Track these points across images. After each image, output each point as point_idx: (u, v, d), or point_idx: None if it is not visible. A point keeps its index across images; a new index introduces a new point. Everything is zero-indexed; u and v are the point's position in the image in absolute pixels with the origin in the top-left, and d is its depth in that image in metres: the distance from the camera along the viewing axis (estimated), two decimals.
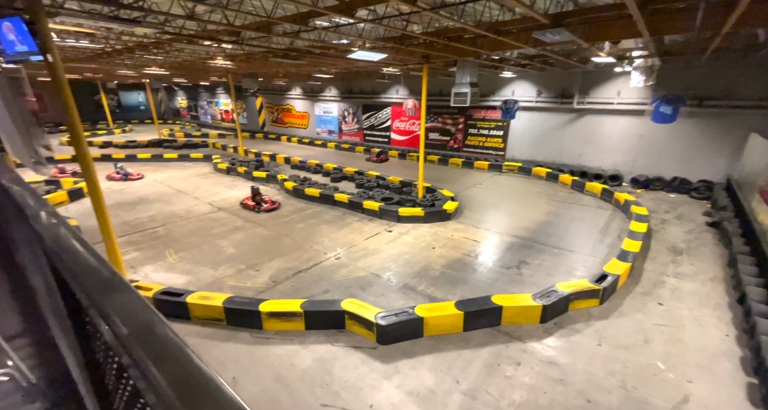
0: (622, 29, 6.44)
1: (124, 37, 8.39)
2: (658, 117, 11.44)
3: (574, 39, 5.63)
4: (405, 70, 15.72)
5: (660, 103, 11.24)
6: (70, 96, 4.32)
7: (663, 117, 11.28)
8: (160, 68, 17.50)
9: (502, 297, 6.40)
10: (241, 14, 5.18)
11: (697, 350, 5.70)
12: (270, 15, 5.28)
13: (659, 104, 11.27)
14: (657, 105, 11.31)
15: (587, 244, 9.66)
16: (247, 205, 12.61)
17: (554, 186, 15.75)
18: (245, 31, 6.13)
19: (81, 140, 4.59)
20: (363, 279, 8.01)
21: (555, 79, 16.39)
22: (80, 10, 4.79)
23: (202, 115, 43.25)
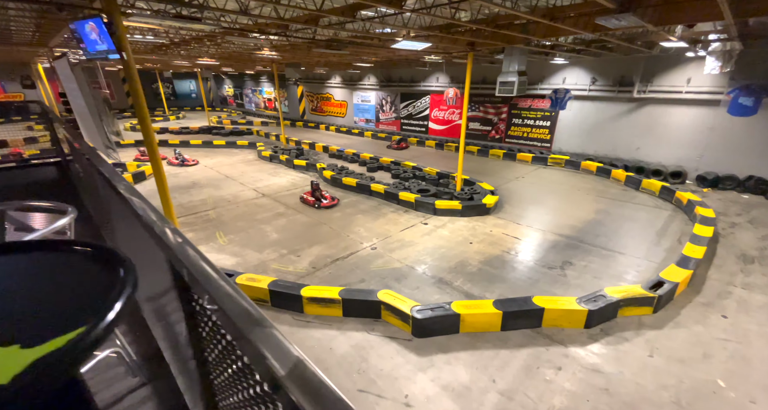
0: (699, 11, 5.72)
1: (182, 31, 8.90)
2: (735, 109, 10.14)
3: (642, 23, 5.09)
4: (448, 58, 15.22)
5: (739, 94, 9.92)
6: (140, 88, 4.67)
7: (742, 109, 9.96)
8: (212, 58, 18.38)
9: (543, 299, 6.17)
10: (290, 8, 5.26)
11: (765, 369, 5.16)
12: (319, 8, 5.31)
13: (738, 94, 9.95)
14: (735, 95, 10.00)
15: (641, 247, 8.97)
16: (306, 201, 12.31)
17: (605, 182, 14.70)
18: (293, 23, 6.22)
19: (149, 128, 4.98)
20: (398, 270, 8.07)
21: (613, 65, 15.05)
22: (148, 9, 5.13)
23: (246, 102, 45.07)
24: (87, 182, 3.03)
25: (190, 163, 17.97)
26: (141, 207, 1.13)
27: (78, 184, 3.96)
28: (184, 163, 17.82)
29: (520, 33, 8.46)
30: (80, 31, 4.24)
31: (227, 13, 5.49)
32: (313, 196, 12.22)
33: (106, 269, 0.56)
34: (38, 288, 0.55)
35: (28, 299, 0.52)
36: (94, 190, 2.89)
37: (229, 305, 0.65)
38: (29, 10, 7.70)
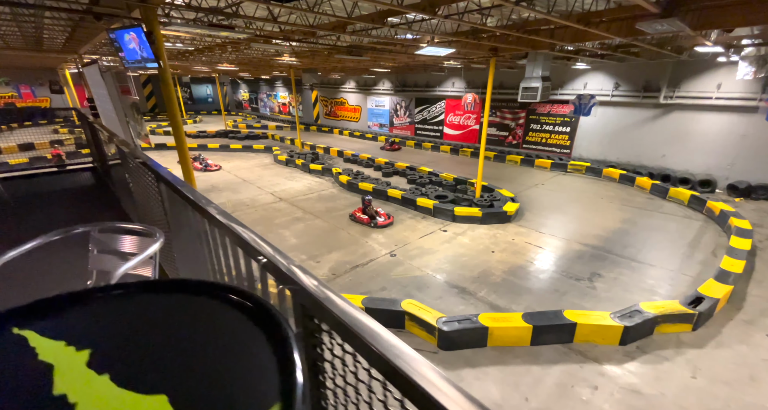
0: (744, 15, 5.46)
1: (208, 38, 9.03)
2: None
3: (685, 28, 4.87)
4: (466, 63, 15.09)
5: None
6: (173, 95, 4.70)
7: None
8: (231, 64, 18.68)
9: (575, 313, 5.92)
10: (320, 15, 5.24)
11: None
12: (350, 16, 5.28)
13: None
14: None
15: (673, 259, 8.60)
16: (359, 219, 10.92)
17: (629, 190, 14.26)
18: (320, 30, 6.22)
19: (181, 132, 5.00)
20: (419, 279, 7.91)
21: (638, 70, 14.67)
22: (179, 17, 5.19)
23: (261, 107, 45.76)
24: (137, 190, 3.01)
25: (212, 168, 17.83)
26: (254, 241, 1.08)
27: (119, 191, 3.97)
28: (207, 169, 17.73)
29: (547, 38, 8.29)
30: (120, 40, 4.29)
31: (256, 20, 5.51)
32: (365, 213, 10.92)
33: (260, 326, 0.47)
34: (183, 336, 0.50)
35: (173, 347, 0.47)
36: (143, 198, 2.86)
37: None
38: (65, 19, 7.90)
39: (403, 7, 4.40)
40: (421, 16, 6.45)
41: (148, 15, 4.35)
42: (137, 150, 3.04)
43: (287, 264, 0.88)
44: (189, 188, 1.80)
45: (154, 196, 2.64)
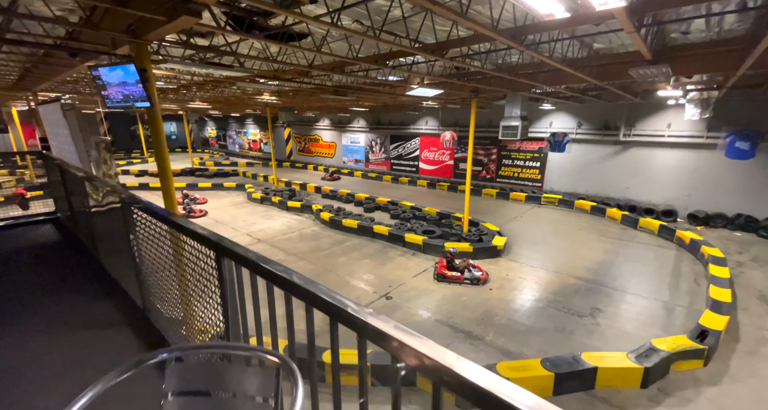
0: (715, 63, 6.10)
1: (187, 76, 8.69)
2: (733, 153, 10.81)
3: (669, 73, 5.33)
4: (443, 103, 15.79)
5: (735, 138, 10.65)
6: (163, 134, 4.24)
7: (739, 153, 10.63)
8: (203, 102, 18.25)
9: (593, 356, 5.67)
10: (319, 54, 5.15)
11: None
12: (356, 56, 5.25)
13: (734, 139, 10.67)
14: (732, 140, 10.72)
15: (662, 290, 8.80)
16: (450, 277, 9.08)
17: (602, 221, 14.97)
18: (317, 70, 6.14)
19: (168, 172, 4.46)
20: (421, 324, 7.40)
21: (596, 111, 16.09)
22: (169, 55, 4.86)
23: (230, 144, 44.93)
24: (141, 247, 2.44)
25: (197, 214, 15.74)
26: None
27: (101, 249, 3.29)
28: (191, 215, 15.45)
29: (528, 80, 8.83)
30: (105, 77, 3.85)
31: (254, 59, 5.31)
32: (450, 267, 9.19)
33: None
34: None
35: None
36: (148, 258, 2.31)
37: None
38: (25, 54, 7.26)
39: (415, 49, 4.43)
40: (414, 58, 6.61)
41: (140, 52, 4.00)
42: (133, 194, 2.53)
43: None
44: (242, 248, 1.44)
45: (162, 255, 2.13)
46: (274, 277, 1.29)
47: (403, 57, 6.18)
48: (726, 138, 10.89)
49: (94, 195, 3.07)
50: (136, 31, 3.73)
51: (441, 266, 9.41)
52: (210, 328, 1.81)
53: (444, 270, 9.27)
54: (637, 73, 5.18)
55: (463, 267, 9.22)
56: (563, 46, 5.98)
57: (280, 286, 1.28)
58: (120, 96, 3.91)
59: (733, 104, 12.44)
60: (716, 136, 13.11)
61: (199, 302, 1.82)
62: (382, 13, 4.33)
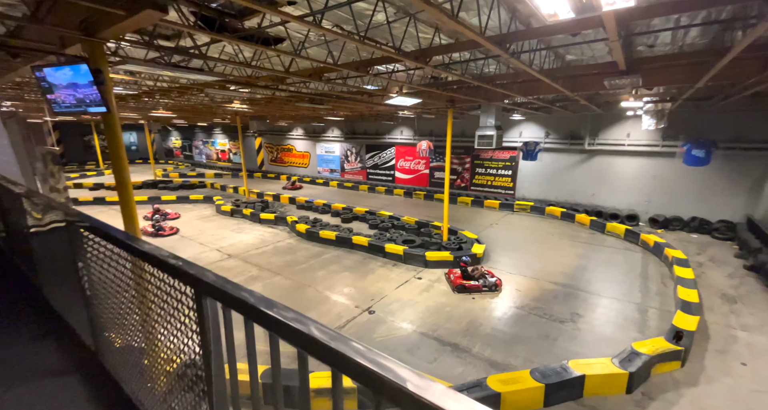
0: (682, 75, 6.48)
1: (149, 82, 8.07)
2: (690, 160, 11.60)
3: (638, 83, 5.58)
4: (419, 113, 15.93)
5: (692, 147, 11.43)
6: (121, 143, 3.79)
7: (696, 160, 11.43)
8: (168, 111, 17.29)
9: (580, 363, 5.66)
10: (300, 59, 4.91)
11: None
12: (336, 62, 5.05)
13: (691, 147, 11.46)
14: (688, 148, 11.51)
15: (633, 292, 9.12)
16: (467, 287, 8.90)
17: (572, 226, 15.52)
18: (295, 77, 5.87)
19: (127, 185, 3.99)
20: (406, 339, 7.15)
21: (563, 121, 16.87)
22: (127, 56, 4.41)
23: (196, 154, 43.07)
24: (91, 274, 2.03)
25: (167, 232, 14.15)
26: None
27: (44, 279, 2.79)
28: (160, 233, 13.92)
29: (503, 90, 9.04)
30: (51, 78, 3.35)
31: (223, 63, 4.96)
32: (468, 278, 9.11)
33: None
34: None
35: None
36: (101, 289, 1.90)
37: None
38: None
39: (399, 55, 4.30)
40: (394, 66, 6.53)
41: (95, 52, 3.56)
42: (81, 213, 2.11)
43: None
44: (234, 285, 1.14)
45: (119, 286, 1.76)
46: (279, 326, 0.98)
47: (383, 65, 6.09)
48: (683, 146, 11.74)
49: (35, 213, 2.61)
50: (89, 28, 3.32)
51: (457, 277, 9.25)
52: (182, 380, 1.46)
53: (461, 281, 9.13)
54: (611, 83, 5.40)
55: (479, 275, 9.20)
56: (540, 57, 6.14)
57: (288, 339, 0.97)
58: (71, 100, 3.43)
59: (685, 115, 13.45)
60: (671, 144, 14.10)
61: (169, 345, 1.46)
62: (364, 17, 4.20)
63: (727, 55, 4.15)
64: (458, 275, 9.32)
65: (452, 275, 9.49)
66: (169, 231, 14.40)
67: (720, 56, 4.50)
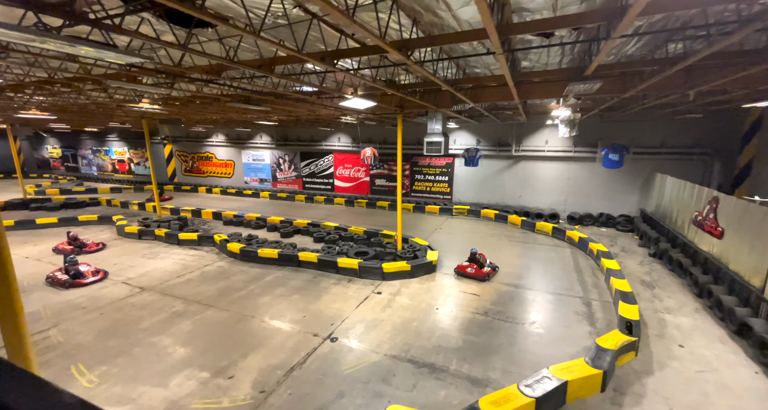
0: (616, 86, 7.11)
1: (25, 70, 5.86)
2: (607, 163, 13.23)
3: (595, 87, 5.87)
4: (361, 119, 15.41)
5: (608, 151, 13.06)
6: None
7: (612, 163, 13.08)
8: (43, 112, 13.68)
9: (558, 369, 5.65)
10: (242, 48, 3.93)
11: (750, 395, 5.65)
12: (300, 49, 4.14)
13: (608, 152, 13.08)
14: (606, 153, 13.13)
15: (574, 286, 9.85)
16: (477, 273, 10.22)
17: (506, 227, 16.58)
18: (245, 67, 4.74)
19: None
20: (379, 366, 6.43)
21: (491, 129, 18.07)
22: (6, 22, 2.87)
23: (83, 165, 35.96)
24: None
25: (89, 278, 9.88)
26: None
27: None
28: (76, 282, 9.63)
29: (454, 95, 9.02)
30: None
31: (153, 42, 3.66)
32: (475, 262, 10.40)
33: None
34: None
35: None
36: None
37: None
38: None
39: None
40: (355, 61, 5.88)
41: None
42: None
43: None
44: None
45: None
46: None
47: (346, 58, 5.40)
48: (602, 151, 13.44)
49: None
50: None
51: (468, 265, 10.44)
52: None
53: (468, 269, 10.33)
54: (573, 88, 5.61)
55: (483, 260, 10.52)
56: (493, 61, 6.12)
57: None
58: None
59: (590, 124, 15.48)
60: (582, 150, 16.10)
61: None
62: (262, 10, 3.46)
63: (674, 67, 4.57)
64: (467, 266, 10.51)
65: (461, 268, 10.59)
66: (93, 277, 9.95)
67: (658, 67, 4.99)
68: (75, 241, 12.57)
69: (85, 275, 9.95)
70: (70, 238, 12.54)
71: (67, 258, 9.91)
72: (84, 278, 9.90)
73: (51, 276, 9.95)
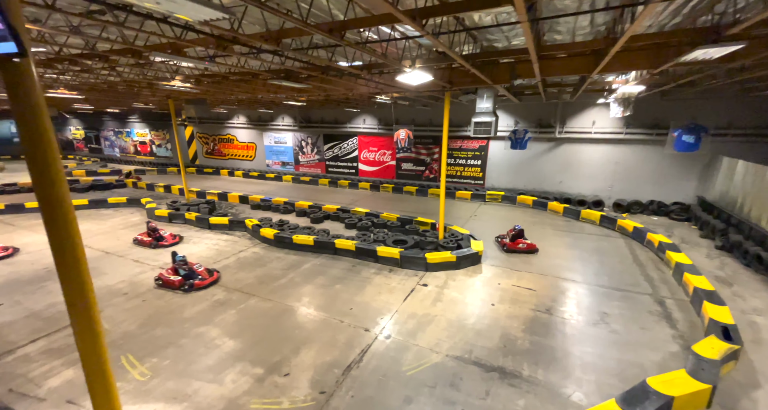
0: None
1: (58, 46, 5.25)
2: (680, 145, 12.02)
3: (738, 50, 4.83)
4: (394, 99, 14.47)
5: (682, 132, 11.84)
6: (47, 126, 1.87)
7: (686, 146, 11.87)
8: (71, 91, 13.27)
9: (658, 381, 4.97)
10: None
11: None
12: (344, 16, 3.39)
13: (681, 133, 11.87)
14: (679, 134, 11.92)
15: (640, 282, 9.01)
16: (527, 246, 10.99)
17: (546, 214, 15.63)
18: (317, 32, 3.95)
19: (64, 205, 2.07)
20: (442, 368, 5.90)
21: (532, 109, 16.82)
22: None
23: (106, 147, 36.22)
24: None
25: (206, 280, 8.72)
26: None
27: None
28: (195, 284, 8.51)
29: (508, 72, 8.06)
30: None
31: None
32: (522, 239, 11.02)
33: None
34: None
35: None
36: None
37: None
38: None
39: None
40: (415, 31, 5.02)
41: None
42: None
43: None
44: None
45: None
46: None
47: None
48: (674, 132, 12.21)
49: None
50: None
51: (516, 243, 10.92)
52: None
53: (522, 244, 10.86)
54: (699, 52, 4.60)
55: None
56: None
57: None
58: None
59: (647, 103, 14.10)
60: (635, 131, 14.80)
61: None
62: None
63: None
64: (508, 240, 11.05)
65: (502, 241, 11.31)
66: (209, 277, 8.74)
67: None
68: (154, 232, 11.51)
69: (200, 275, 8.69)
70: (150, 229, 11.49)
71: (177, 258, 8.64)
72: (199, 278, 8.62)
73: (161, 278, 8.64)
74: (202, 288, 8.60)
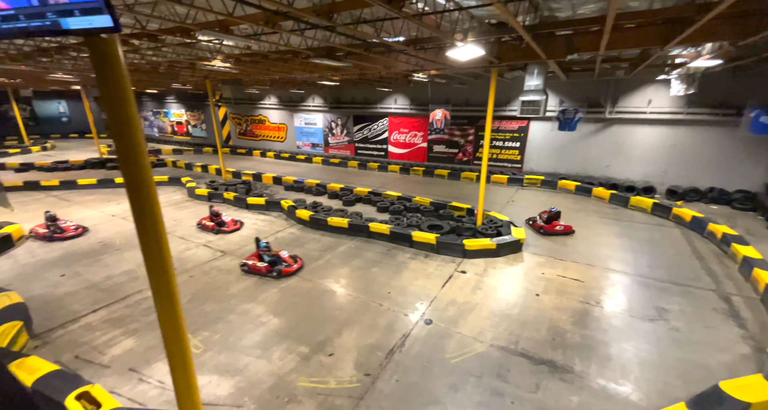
0: None
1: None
2: (758, 128, 10.81)
3: None
4: (431, 76, 13.83)
5: (761, 113, 10.62)
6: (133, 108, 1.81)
7: (764, 127, 10.67)
8: None
9: (732, 386, 4.56)
10: None
11: None
12: None
13: (760, 114, 10.64)
14: (757, 114, 10.69)
15: (701, 277, 8.33)
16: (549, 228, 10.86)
17: (589, 200, 14.75)
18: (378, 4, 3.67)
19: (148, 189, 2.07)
20: (487, 358, 5.74)
21: (580, 87, 15.59)
22: None
23: (146, 127, 37.66)
24: None
25: (292, 266, 8.52)
26: None
27: None
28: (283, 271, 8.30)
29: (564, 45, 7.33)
30: None
31: None
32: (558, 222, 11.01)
33: None
34: None
35: None
36: None
37: None
38: None
39: None
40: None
41: None
42: None
43: None
44: None
45: None
46: None
47: None
48: (751, 113, 10.93)
49: None
50: None
51: (553, 225, 10.89)
52: None
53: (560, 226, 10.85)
54: None
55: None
56: None
57: None
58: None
59: (715, 80, 12.62)
60: (699, 111, 13.40)
61: None
62: None
63: None
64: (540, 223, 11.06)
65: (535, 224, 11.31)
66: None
67: None
68: (216, 217, 11.23)
69: (285, 261, 8.51)
70: (212, 213, 11.26)
71: (261, 244, 8.47)
72: (285, 265, 8.44)
73: (247, 264, 8.50)
74: (291, 275, 8.38)
